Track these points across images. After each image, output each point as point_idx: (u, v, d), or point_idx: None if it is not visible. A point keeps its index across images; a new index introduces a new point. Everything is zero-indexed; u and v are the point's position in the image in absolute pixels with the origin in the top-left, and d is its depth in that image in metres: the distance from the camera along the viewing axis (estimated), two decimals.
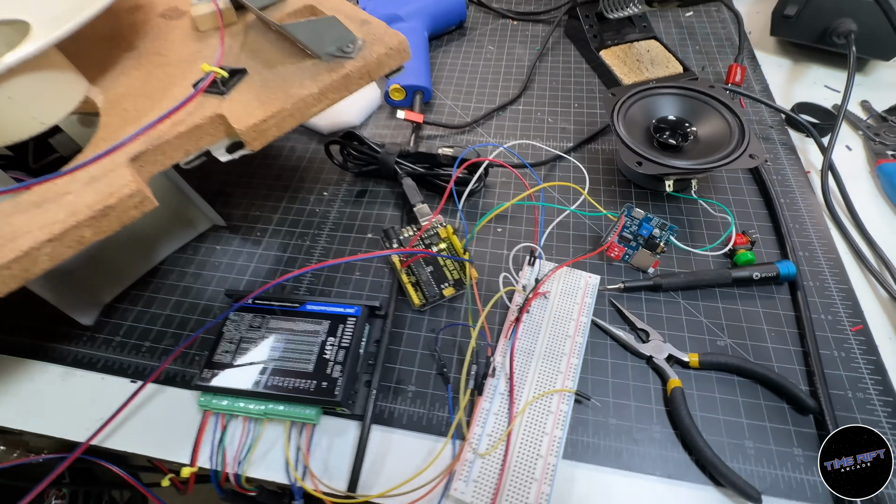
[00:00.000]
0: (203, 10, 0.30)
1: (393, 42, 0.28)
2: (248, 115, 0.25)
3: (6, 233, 0.21)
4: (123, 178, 0.23)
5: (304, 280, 0.33)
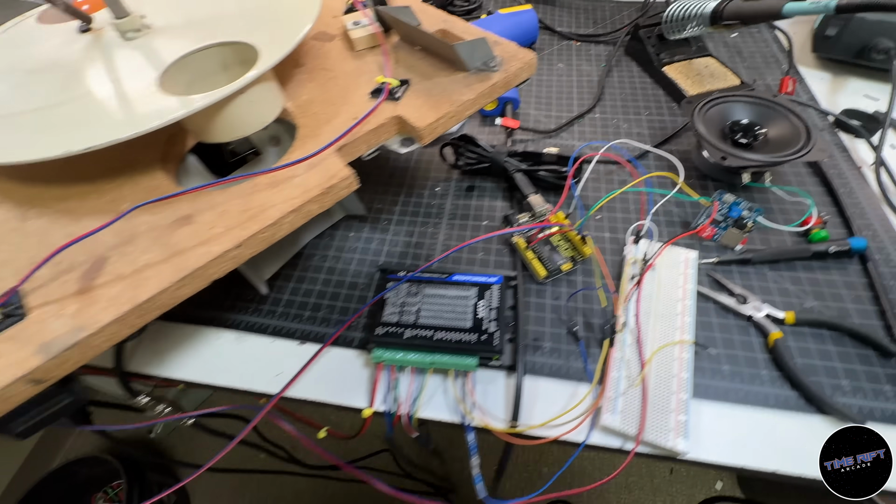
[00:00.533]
0: (361, 34, 0.37)
1: (526, 58, 0.34)
2: (423, 116, 0.31)
3: (257, 205, 0.27)
4: (336, 165, 0.28)
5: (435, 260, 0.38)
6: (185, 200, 0.27)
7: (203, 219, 0.26)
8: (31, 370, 0.21)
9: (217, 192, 0.28)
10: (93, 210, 0.28)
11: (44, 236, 0.27)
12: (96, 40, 0.33)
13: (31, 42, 0.35)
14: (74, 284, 0.24)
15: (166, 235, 0.26)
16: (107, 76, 0.30)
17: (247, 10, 0.34)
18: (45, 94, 0.29)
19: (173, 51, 0.31)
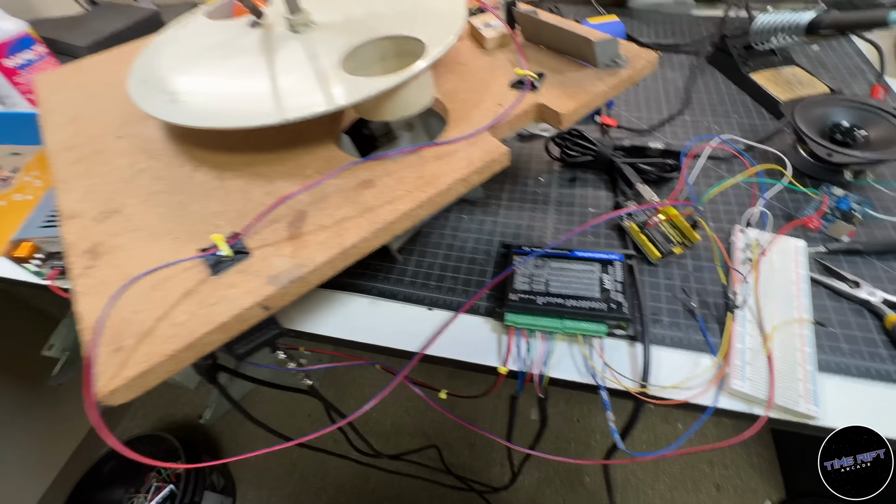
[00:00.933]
0: (493, 34, 0.41)
1: (649, 57, 0.37)
2: (563, 104, 0.34)
3: (429, 173, 0.30)
4: (493, 142, 0.32)
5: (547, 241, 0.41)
6: (363, 168, 0.31)
7: (383, 183, 0.30)
8: (264, 298, 0.25)
9: (389, 162, 0.31)
10: (281, 174, 0.32)
11: (245, 193, 0.31)
12: (268, 33, 0.38)
13: (211, 34, 0.40)
14: (284, 232, 0.28)
15: (354, 195, 0.29)
16: (293, 61, 0.34)
17: (398, 10, 0.39)
18: (243, 74, 0.34)
19: (344, 42, 0.35)
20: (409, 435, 1.23)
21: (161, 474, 1.16)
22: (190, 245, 0.28)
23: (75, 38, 0.74)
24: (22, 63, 0.62)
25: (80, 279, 0.27)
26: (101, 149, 0.36)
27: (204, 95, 0.32)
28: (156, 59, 0.38)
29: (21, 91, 0.64)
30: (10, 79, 0.62)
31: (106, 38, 0.74)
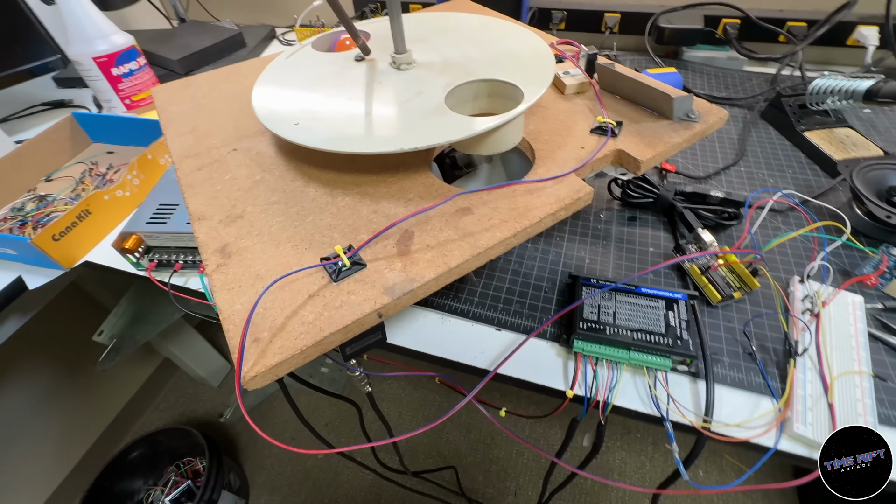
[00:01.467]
0: (573, 81, 0.45)
1: (720, 114, 0.41)
2: (641, 151, 0.37)
3: (522, 206, 0.33)
4: (578, 182, 0.35)
5: (609, 275, 0.44)
6: (460, 196, 0.35)
7: (480, 212, 0.33)
8: (381, 306, 0.28)
9: (484, 192, 0.35)
10: (386, 195, 0.35)
11: (354, 210, 0.34)
12: (373, 68, 0.43)
13: (319, 65, 0.45)
14: (394, 248, 0.31)
15: (454, 220, 0.33)
16: (401, 94, 0.38)
17: (489, 56, 0.43)
18: (357, 104, 0.38)
19: (445, 81, 0.39)
20: (424, 454, 1.23)
21: (180, 469, 1.18)
22: (309, 253, 0.31)
23: (168, 52, 0.81)
24: (126, 72, 0.69)
25: (216, 275, 0.30)
26: (219, 159, 0.41)
27: (326, 121, 0.37)
28: (278, 83, 0.43)
29: (121, 97, 0.70)
30: (115, 86, 0.69)
31: (195, 53, 0.81)
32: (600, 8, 0.76)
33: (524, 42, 0.44)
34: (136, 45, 0.70)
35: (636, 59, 0.77)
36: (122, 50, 0.68)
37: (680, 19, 0.70)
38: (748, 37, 0.72)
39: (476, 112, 0.42)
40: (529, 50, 0.43)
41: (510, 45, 0.44)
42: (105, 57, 0.66)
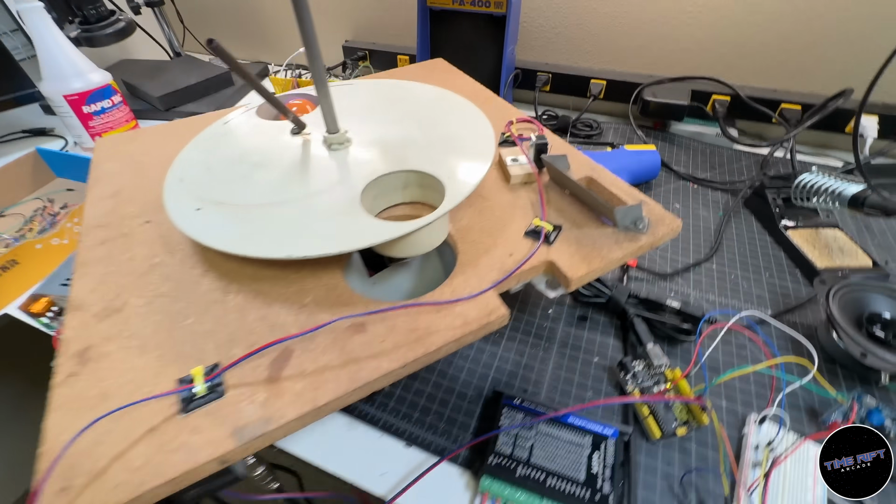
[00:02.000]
0: (519, 171, 0.41)
1: (672, 225, 0.37)
2: (574, 266, 0.33)
3: (423, 327, 0.30)
4: (494, 302, 0.31)
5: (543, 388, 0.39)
6: (360, 302, 0.31)
7: (375, 330, 0.30)
8: (224, 453, 0.24)
9: (388, 308, 0.31)
10: (281, 297, 0.32)
11: (241, 313, 0.31)
12: (305, 145, 0.40)
13: (253, 134, 0.43)
14: (265, 371, 0.28)
15: (343, 340, 0.29)
16: (317, 183, 0.35)
17: (431, 138, 0.40)
18: (267, 190, 0.35)
19: (371, 169, 0.36)
20: None
21: None
22: (171, 368, 0.28)
23: (152, 87, 0.81)
24: (97, 110, 0.69)
25: (60, 388, 0.27)
26: (127, 232, 0.38)
27: (229, 208, 0.34)
28: (197, 155, 0.41)
29: (91, 134, 0.70)
30: (85, 123, 0.68)
31: (178, 91, 0.81)
32: (586, 74, 0.73)
33: (472, 126, 0.41)
34: (111, 83, 0.70)
35: (620, 128, 0.74)
36: (96, 88, 0.67)
37: (666, 93, 0.67)
38: (739, 115, 0.68)
39: (407, 200, 0.39)
40: (474, 137, 0.40)
41: (456, 127, 0.42)
42: (76, 95, 0.66)
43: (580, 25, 0.72)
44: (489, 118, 0.51)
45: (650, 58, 0.72)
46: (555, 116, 0.74)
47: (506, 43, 0.65)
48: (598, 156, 0.60)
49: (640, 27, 0.69)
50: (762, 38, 0.65)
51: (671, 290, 0.48)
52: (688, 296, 0.47)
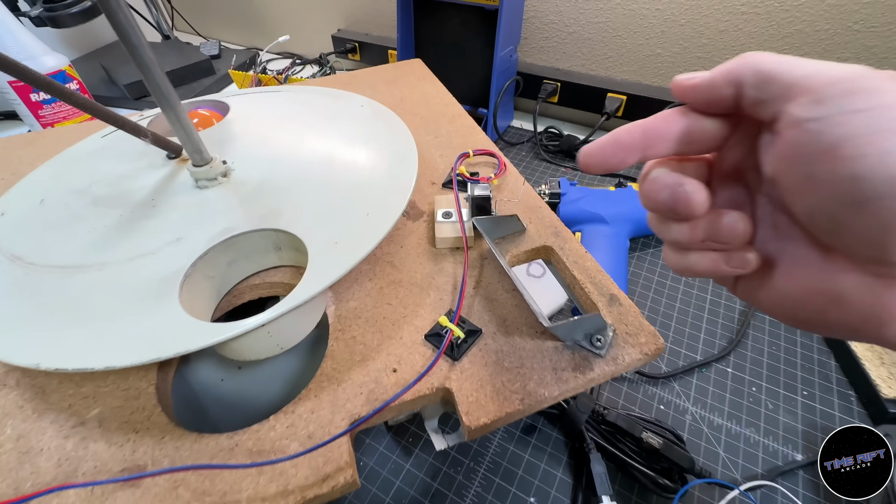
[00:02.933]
0: (446, 233, 0.30)
1: (650, 345, 0.24)
2: (479, 405, 0.22)
3: (217, 490, 0.20)
4: (341, 457, 0.21)
5: None
6: (156, 429, 0.22)
7: (153, 486, 0.20)
8: None
9: (189, 444, 0.21)
10: (61, 402, 0.23)
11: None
12: (172, 176, 0.31)
13: (122, 156, 0.34)
14: None
15: (102, 497, 0.20)
16: (150, 239, 0.26)
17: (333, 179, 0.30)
18: (83, 244, 0.26)
19: (226, 225, 0.26)
20: None
21: None
22: None
23: (121, 74, 0.75)
24: (48, 98, 0.63)
25: None
26: None
27: (21, 267, 0.25)
28: (45, 178, 0.32)
29: (42, 124, 0.64)
30: (34, 112, 0.63)
31: None
32: (603, 85, 0.59)
33: (393, 164, 0.31)
34: (67, 69, 0.64)
35: None
36: (49, 73, 0.62)
37: None
38: None
39: (286, 264, 0.29)
40: (388, 181, 0.29)
41: (373, 164, 0.31)
42: (21, 83, 0.60)
43: (601, 24, 0.58)
44: (446, 145, 0.40)
45: (684, 69, 0.56)
46: (558, 135, 0.60)
47: (498, 43, 0.53)
48: (598, 195, 0.47)
49: (678, 31, 0.54)
50: (850, 54, 0.48)
51: (661, 402, 0.35)
52: (681, 418, 0.34)
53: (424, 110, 0.46)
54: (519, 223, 0.30)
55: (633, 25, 0.56)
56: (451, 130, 0.42)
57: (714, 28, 0.52)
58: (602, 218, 0.45)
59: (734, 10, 0.50)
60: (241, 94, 0.41)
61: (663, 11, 0.53)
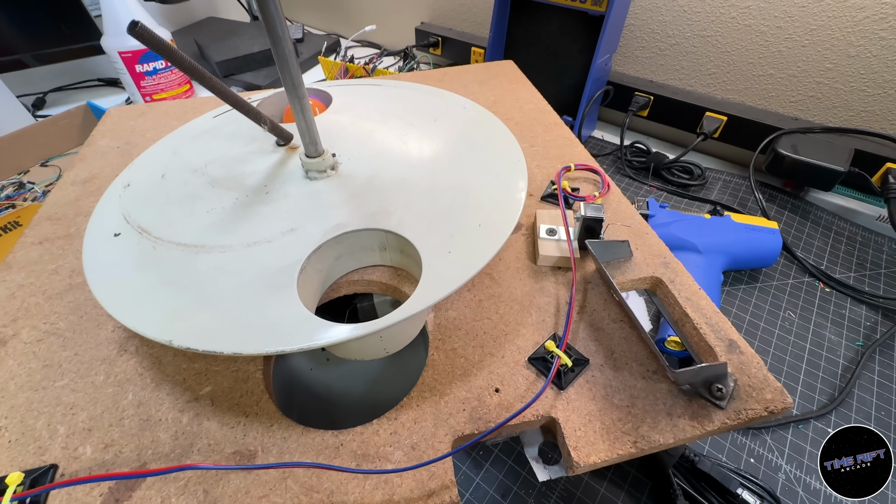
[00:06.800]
0: (551, 251, 0.29)
1: (777, 402, 0.22)
2: (589, 442, 0.21)
3: (324, 489, 0.20)
4: (445, 475, 0.20)
5: None
6: (264, 415, 0.22)
7: (263, 472, 0.20)
8: None
9: (296, 436, 0.22)
10: (176, 376, 0.24)
11: (121, 389, 0.24)
12: (282, 164, 0.32)
13: (234, 138, 0.35)
14: (98, 498, 0.20)
15: (216, 477, 0.20)
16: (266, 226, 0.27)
17: (438, 184, 0.29)
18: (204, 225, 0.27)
19: (337, 221, 0.26)
20: None
21: None
22: (5, 454, 0.21)
23: (214, 51, 0.79)
24: (149, 70, 0.66)
25: None
26: (73, 233, 0.33)
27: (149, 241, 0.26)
28: (164, 152, 0.34)
29: (142, 94, 0.68)
30: (137, 82, 0.67)
31: (238, 58, 0.78)
32: (701, 103, 0.55)
33: (501, 175, 0.30)
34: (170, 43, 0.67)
35: (733, 182, 0.55)
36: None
37: (813, 147, 0.48)
38: None
39: (388, 264, 0.29)
40: (498, 193, 0.28)
41: (479, 172, 0.30)
42: (130, 53, 0.64)
43: (709, 38, 0.54)
44: (543, 155, 0.39)
45: (799, 94, 0.52)
46: (645, 152, 0.58)
47: (598, 50, 0.51)
48: (691, 222, 0.44)
49: (799, 52, 0.50)
50: None
51: (752, 455, 0.33)
52: (773, 475, 0.32)
53: (518, 115, 0.44)
54: (627, 249, 0.29)
55: (746, 42, 0.52)
56: (547, 140, 0.41)
57: (843, 52, 0.47)
58: (695, 247, 0.42)
59: (871, 35, 0.45)
60: (340, 85, 0.42)
61: (784, 30, 0.49)
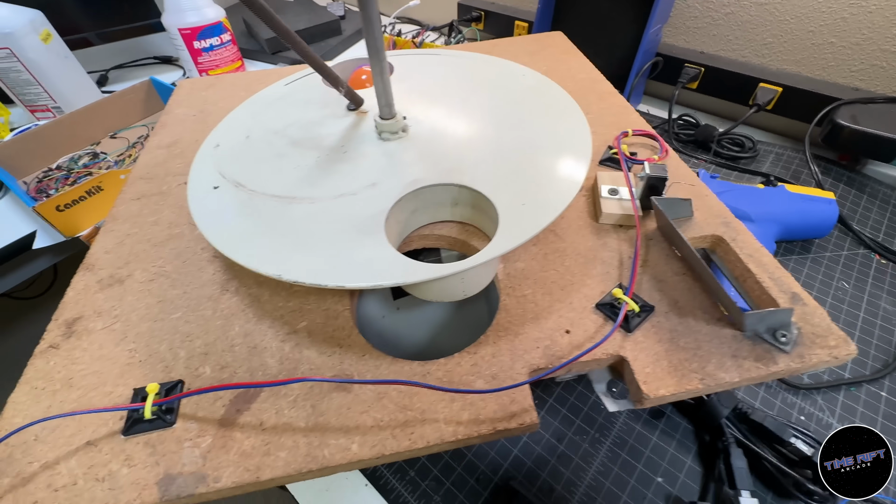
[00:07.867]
0: (614, 209, 0.30)
1: (839, 349, 0.23)
2: (657, 378, 0.23)
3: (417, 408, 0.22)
4: (523, 401, 0.23)
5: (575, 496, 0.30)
6: (355, 346, 0.25)
7: (359, 393, 0.23)
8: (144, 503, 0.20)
9: (386, 364, 0.24)
10: (274, 312, 0.27)
11: (227, 322, 0.27)
12: (355, 126, 0.34)
13: (307, 104, 0.37)
14: (221, 408, 0.23)
15: (320, 395, 0.23)
16: (349, 181, 0.29)
17: (506, 144, 0.31)
18: (292, 179, 0.30)
19: (414, 177, 0.28)
20: None
21: None
22: (138, 370, 0.25)
23: (262, 30, 0.81)
24: (206, 47, 0.70)
25: (37, 359, 0.25)
26: (165, 191, 0.36)
27: (245, 193, 0.29)
28: (244, 117, 0.36)
29: (199, 69, 0.72)
30: (195, 58, 0.70)
31: None
32: (755, 74, 0.54)
33: (566, 137, 0.31)
34: (223, 20, 0.70)
35: (786, 155, 0.54)
36: (207, 25, 0.68)
37: (875, 118, 0.47)
38: None
39: (457, 219, 0.31)
40: (563, 152, 0.30)
41: (544, 134, 0.32)
42: (189, 29, 0.67)
43: (765, 6, 0.53)
44: (598, 122, 0.40)
45: (862, 63, 0.50)
46: (694, 124, 0.57)
47: (650, 21, 0.50)
48: (744, 191, 0.44)
49: (864, 18, 0.48)
50: None
51: (802, 413, 0.34)
52: (824, 432, 0.32)
53: (571, 84, 0.45)
54: (689, 208, 0.30)
55: (806, 9, 0.51)
56: (601, 108, 0.42)
57: None
58: (748, 216, 0.42)
59: None
60: (400, 55, 0.43)
61: None
